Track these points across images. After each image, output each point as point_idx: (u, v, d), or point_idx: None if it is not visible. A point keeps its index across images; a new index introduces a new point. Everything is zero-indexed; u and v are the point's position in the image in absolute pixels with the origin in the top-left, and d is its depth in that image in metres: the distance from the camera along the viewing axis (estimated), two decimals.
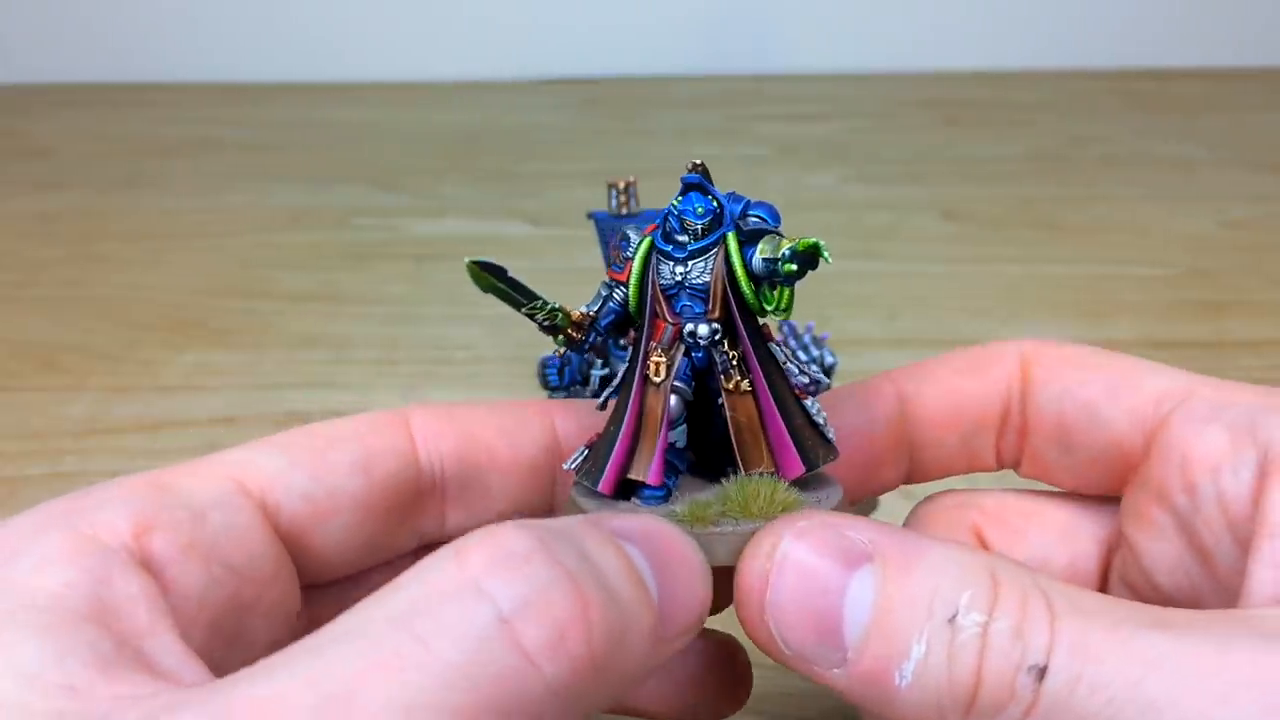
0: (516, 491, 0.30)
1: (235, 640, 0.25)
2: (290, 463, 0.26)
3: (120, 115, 1.09)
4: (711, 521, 0.25)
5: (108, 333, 0.65)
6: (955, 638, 0.21)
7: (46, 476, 0.51)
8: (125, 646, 0.21)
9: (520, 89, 1.15)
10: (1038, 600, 0.21)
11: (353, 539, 0.28)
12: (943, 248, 0.76)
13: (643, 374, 0.26)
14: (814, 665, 0.23)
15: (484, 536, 0.20)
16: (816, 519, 0.23)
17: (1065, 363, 0.29)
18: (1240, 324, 0.64)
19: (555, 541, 0.20)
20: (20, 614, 0.20)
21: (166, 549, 0.23)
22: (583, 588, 0.20)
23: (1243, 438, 0.25)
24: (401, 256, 0.76)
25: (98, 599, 0.21)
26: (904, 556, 0.22)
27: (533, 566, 0.19)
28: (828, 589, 0.22)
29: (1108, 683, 0.20)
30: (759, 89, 1.15)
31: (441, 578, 0.19)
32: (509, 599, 0.19)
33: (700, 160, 0.26)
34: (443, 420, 0.29)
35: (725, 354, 0.26)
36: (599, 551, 0.21)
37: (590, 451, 0.27)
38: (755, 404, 0.26)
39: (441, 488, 0.29)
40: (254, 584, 0.25)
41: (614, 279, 0.27)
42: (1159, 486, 0.27)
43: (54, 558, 0.22)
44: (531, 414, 0.30)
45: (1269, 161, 0.92)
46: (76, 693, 0.19)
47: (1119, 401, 0.28)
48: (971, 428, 0.31)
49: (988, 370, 0.30)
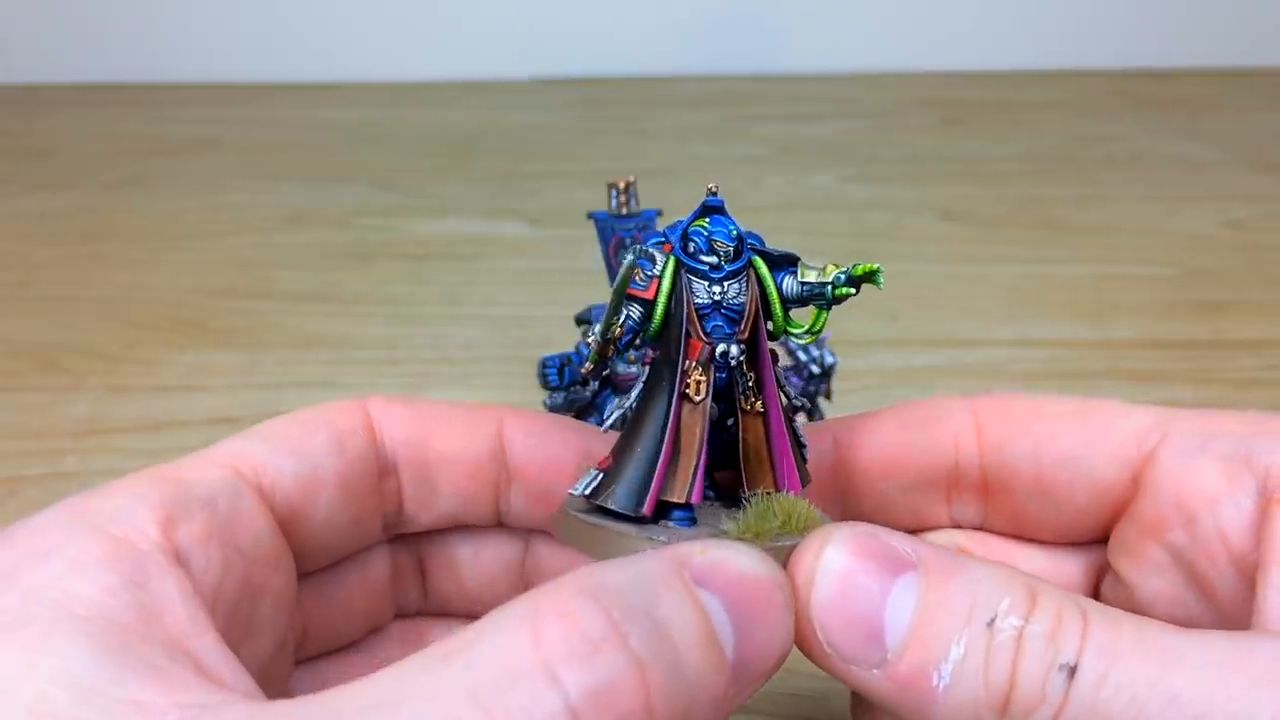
0: (461, 489, 0.30)
1: (249, 628, 0.25)
2: (275, 447, 0.27)
3: (120, 115, 1.09)
4: (769, 539, 0.25)
5: (108, 333, 0.65)
6: (993, 640, 0.22)
7: (46, 476, 0.51)
8: (176, 651, 0.21)
9: (520, 89, 1.15)
10: (1072, 609, 0.22)
11: (336, 519, 0.28)
12: (942, 248, 0.76)
13: (681, 392, 0.26)
14: (853, 666, 0.23)
15: (558, 610, 0.20)
16: (862, 527, 0.24)
17: (1028, 416, 0.29)
18: (1240, 324, 0.64)
19: (628, 619, 0.20)
20: (65, 623, 0.20)
21: (189, 541, 0.23)
22: (649, 677, 0.20)
23: (1238, 468, 0.25)
24: (402, 256, 0.76)
25: (140, 604, 0.21)
26: (946, 567, 0.23)
27: (603, 655, 0.19)
28: (872, 592, 0.23)
29: (1131, 680, 0.20)
30: (759, 89, 1.15)
31: (514, 651, 0.19)
32: (578, 689, 0.19)
33: (716, 186, 0.27)
34: (396, 409, 0.30)
35: (745, 375, 0.27)
36: (676, 615, 0.21)
37: (606, 475, 0.26)
38: (765, 425, 0.27)
39: (397, 476, 0.30)
40: (262, 568, 0.26)
41: (631, 295, 0.26)
42: (1152, 523, 0.27)
43: (88, 561, 0.21)
44: (481, 417, 0.30)
45: (1270, 162, 0.92)
46: (143, 707, 0.19)
47: (1097, 449, 0.28)
48: (911, 482, 0.30)
49: (932, 427, 0.30)
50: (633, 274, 0.26)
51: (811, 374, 0.44)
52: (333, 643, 0.31)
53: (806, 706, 0.37)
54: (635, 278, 0.26)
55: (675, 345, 0.26)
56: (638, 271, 0.26)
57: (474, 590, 0.32)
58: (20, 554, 0.22)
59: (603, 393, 0.41)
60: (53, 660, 0.19)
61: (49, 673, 0.19)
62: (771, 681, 0.34)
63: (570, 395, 0.41)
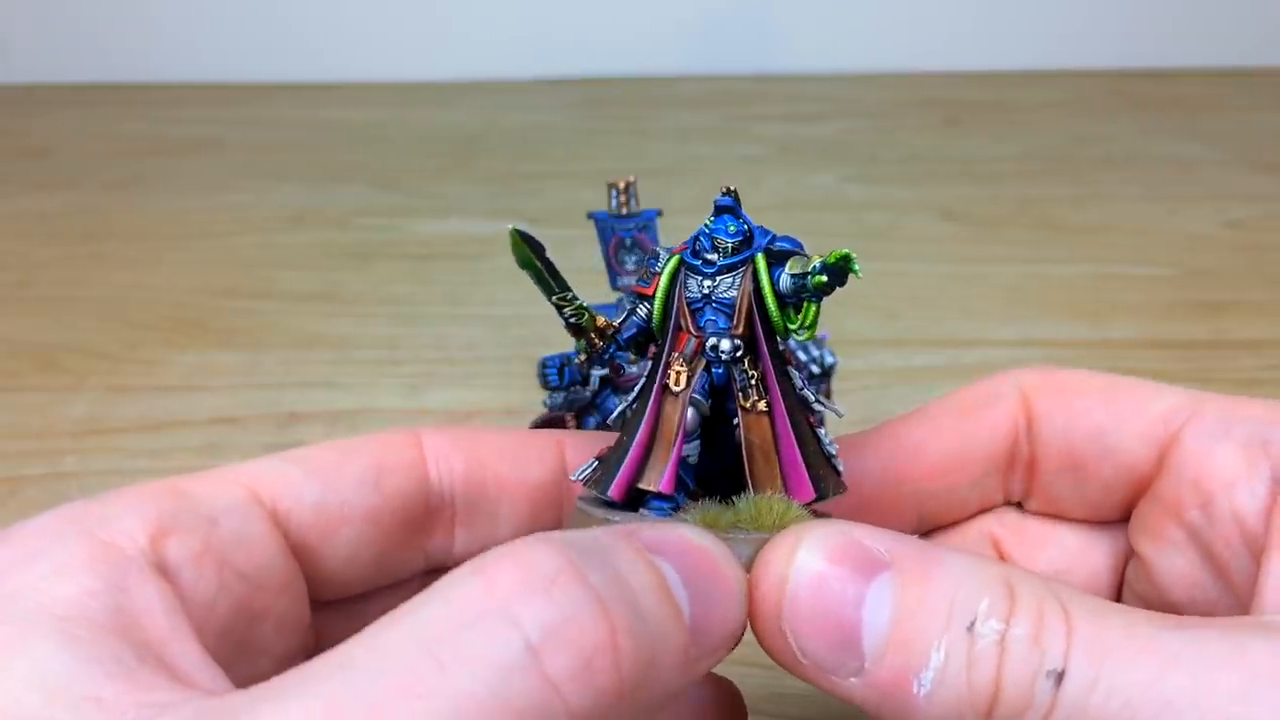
0: (523, 519, 0.30)
1: (244, 649, 0.25)
2: (303, 473, 0.27)
3: (120, 115, 1.09)
4: (724, 530, 0.24)
5: (108, 333, 0.65)
6: (974, 645, 0.21)
7: (46, 476, 0.51)
8: (147, 654, 0.21)
9: (520, 89, 1.15)
10: (1053, 607, 0.21)
11: (361, 553, 0.27)
12: (942, 248, 0.76)
13: (662, 383, 0.26)
14: (831, 675, 0.22)
15: (510, 554, 0.19)
16: (833, 527, 0.23)
17: (1066, 392, 0.29)
18: (1239, 324, 0.64)
19: (584, 560, 0.20)
20: (41, 623, 0.20)
21: (181, 555, 0.23)
22: (611, 612, 0.19)
23: (1256, 453, 0.26)
24: (403, 256, 0.76)
25: (117, 607, 0.21)
26: (921, 565, 0.22)
27: (561, 589, 0.19)
28: (845, 597, 0.22)
29: (1124, 684, 0.20)
30: (759, 89, 1.15)
31: (467, 599, 0.19)
32: (537, 626, 0.18)
33: (734, 186, 0.27)
34: (453, 442, 0.29)
35: (745, 372, 0.26)
36: (631, 568, 0.20)
37: (601, 462, 0.26)
38: (770, 426, 0.26)
39: (451, 508, 0.29)
40: (265, 593, 0.25)
41: (639, 293, 0.27)
42: (1172, 502, 0.27)
43: (72, 564, 0.21)
44: (541, 442, 0.30)
45: (1270, 162, 0.92)
46: (103, 704, 0.19)
47: (1127, 426, 0.28)
48: (980, 471, 0.30)
49: (989, 410, 0.30)
50: (643, 273, 0.26)
51: (811, 374, 0.44)
52: None
53: (807, 706, 0.37)
54: (645, 277, 0.27)
55: (665, 337, 0.27)
56: (646, 271, 0.26)
57: None
58: (11, 556, 0.22)
59: (603, 392, 0.41)
60: (25, 661, 0.19)
61: (22, 674, 0.19)
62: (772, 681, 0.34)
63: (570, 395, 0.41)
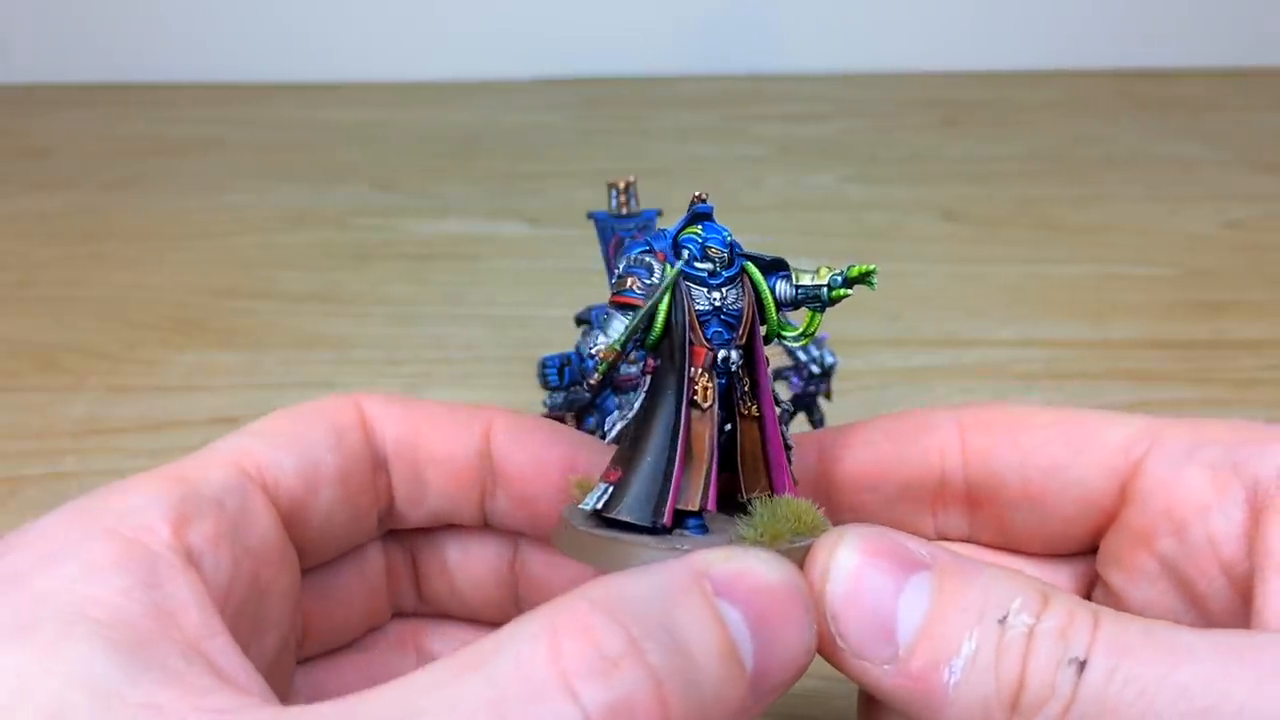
0: (448, 488, 0.30)
1: (255, 625, 0.25)
2: (276, 444, 0.27)
3: (120, 115, 1.09)
4: (787, 539, 0.25)
5: (108, 333, 0.65)
6: (1004, 636, 0.22)
7: (46, 476, 0.51)
8: (192, 654, 0.21)
9: (520, 89, 1.15)
10: (1084, 608, 0.22)
11: (336, 515, 0.28)
12: (943, 248, 0.76)
13: (690, 399, 0.26)
14: (864, 661, 0.23)
15: (577, 626, 0.20)
16: (878, 528, 0.24)
17: (1014, 427, 0.29)
18: (1240, 324, 0.64)
19: (646, 634, 0.20)
20: (79, 625, 0.20)
21: (200, 543, 0.23)
22: (666, 688, 0.20)
23: (1226, 476, 0.25)
24: (402, 256, 0.76)
25: (154, 606, 0.21)
26: (960, 568, 0.23)
27: (622, 673, 0.19)
28: (885, 588, 0.23)
29: (1141, 674, 0.21)
30: (759, 89, 1.15)
31: (532, 665, 0.19)
32: (596, 705, 0.19)
33: (706, 193, 0.27)
34: (388, 407, 0.30)
35: (743, 380, 0.27)
36: (696, 629, 0.21)
37: (616, 487, 0.26)
38: (760, 429, 0.27)
39: (388, 469, 0.30)
40: (269, 567, 0.26)
41: (627, 304, 0.26)
42: (1142, 533, 0.27)
43: (101, 563, 0.21)
44: (471, 417, 0.30)
45: (1270, 162, 0.92)
46: (163, 711, 0.19)
47: (1084, 458, 0.28)
48: (895, 494, 0.30)
49: (917, 439, 0.30)
50: (628, 282, 0.26)
51: (811, 374, 0.44)
52: (333, 641, 0.31)
53: (807, 706, 0.37)
54: (632, 286, 0.26)
55: (680, 353, 0.26)
56: (634, 280, 0.26)
57: (465, 591, 0.32)
58: (32, 557, 0.22)
59: (602, 392, 0.41)
60: (69, 664, 0.19)
61: (65, 676, 0.19)
62: None
63: (570, 395, 0.41)
